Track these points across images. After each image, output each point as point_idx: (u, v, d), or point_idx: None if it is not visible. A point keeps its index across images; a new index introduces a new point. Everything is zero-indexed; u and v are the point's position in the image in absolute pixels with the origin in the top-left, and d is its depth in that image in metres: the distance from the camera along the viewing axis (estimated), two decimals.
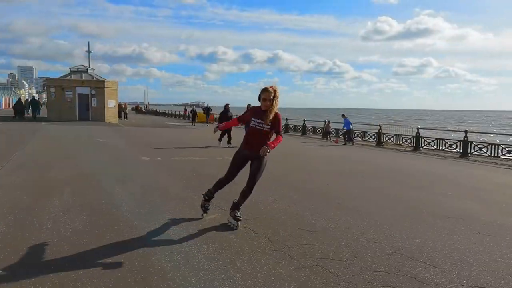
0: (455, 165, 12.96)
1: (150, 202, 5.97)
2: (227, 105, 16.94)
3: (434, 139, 17.43)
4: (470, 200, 7.05)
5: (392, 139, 19.69)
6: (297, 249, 4.13)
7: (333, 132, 23.17)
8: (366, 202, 6.54)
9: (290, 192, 7.10)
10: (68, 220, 4.95)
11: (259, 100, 4.79)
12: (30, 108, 35.28)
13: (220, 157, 11.89)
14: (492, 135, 27.53)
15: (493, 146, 14.72)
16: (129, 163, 10.05)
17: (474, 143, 15.36)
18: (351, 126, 20.63)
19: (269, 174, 6.20)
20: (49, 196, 6.16)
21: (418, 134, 17.72)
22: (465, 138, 15.27)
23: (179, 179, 8.03)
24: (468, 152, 15.08)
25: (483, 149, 14.93)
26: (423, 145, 17.38)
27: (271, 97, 4.68)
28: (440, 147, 16.63)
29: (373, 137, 20.95)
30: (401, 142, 18.97)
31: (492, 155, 14.52)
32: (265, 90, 4.71)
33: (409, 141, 18.40)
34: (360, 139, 21.90)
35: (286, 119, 27.96)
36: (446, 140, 16.77)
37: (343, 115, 21.30)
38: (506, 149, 14.33)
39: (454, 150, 15.95)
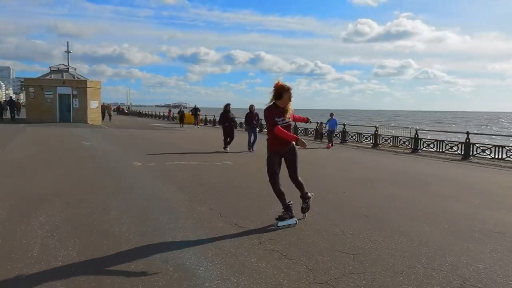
0: (462, 168, 12.47)
1: (153, 219, 5.13)
2: (228, 105, 14.69)
3: (433, 140, 16.97)
4: (503, 210, 6.43)
5: (389, 140, 19.19)
6: (347, 282, 3.38)
7: (325, 134, 22.49)
8: (396, 214, 5.85)
9: None
10: (58, 245, 4.09)
11: (278, 98, 4.83)
12: (8, 109, 33.65)
13: (219, 161, 11.08)
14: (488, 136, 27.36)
15: (497, 148, 14.32)
16: (120, 170, 9.14)
17: (476, 145, 14.95)
18: (335, 127, 19.82)
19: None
20: (34, 213, 5.25)
21: (416, 135, 17.26)
22: (467, 140, 14.85)
23: (180, 189, 7.19)
24: (470, 154, 14.66)
25: (486, 151, 14.52)
26: (422, 147, 16.92)
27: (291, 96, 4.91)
28: (440, 149, 16.17)
29: (369, 138, 20.41)
30: (398, 144, 18.48)
31: (496, 157, 14.12)
32: (287, 90, 4.83)
33: (407, 143, 17.93)
34: (355, 140, 21.36)
35: None
36: (447, 142, 16.32)
37: (331, 114, 20.41)
38: (511, 151, 13.93)
39: (455, 152, 15.50)
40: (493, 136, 29.22)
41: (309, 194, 5.29)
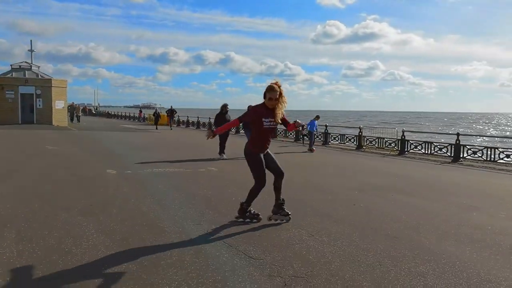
0: (459, 171, 11.91)
1: (140, 248, 4.03)
2: (225, 106, 12.96)
3: (422, 142, 16.47)
4: None
5: (374, 142, 18.60)
6: None
7: (307, 136, 21.59)
8: (426, 232, 4.98)
9: (319, 219, 5.40)
10: None
11: (265, 98, 4.75)
12: None
13: (203, 167, 9.98)
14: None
15: (489, 150, 13.90)
16: (92, 181, 7.88)
17: (467, 146, 14.52)
18: (314, 130, 18.84)
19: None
20: None
21: (403, 137, 16.72)
22: (457, 142, 14.38)
23: (167, 204, 6.07)
24: (461, 156, 14.21)
25: (477, 153, 14.09)
26: (409, 149, 16.40)
27: (277, 96, 4.67)
28: (429, 151, 15.67)
29: (352, 140, 19.76)
30: (384, 146, 17.91)
31: (488, 159, 13.69)
32: (271, 89, 4.67)
33: (393, 144, 17.37)
34: (337, 142, 20.67)
35: None
36: (436, 144, 15.84)
37: (317, 117, 19.42)
38: (504, 153, 13.53)
39: (444, 154, 15.02)
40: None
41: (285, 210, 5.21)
